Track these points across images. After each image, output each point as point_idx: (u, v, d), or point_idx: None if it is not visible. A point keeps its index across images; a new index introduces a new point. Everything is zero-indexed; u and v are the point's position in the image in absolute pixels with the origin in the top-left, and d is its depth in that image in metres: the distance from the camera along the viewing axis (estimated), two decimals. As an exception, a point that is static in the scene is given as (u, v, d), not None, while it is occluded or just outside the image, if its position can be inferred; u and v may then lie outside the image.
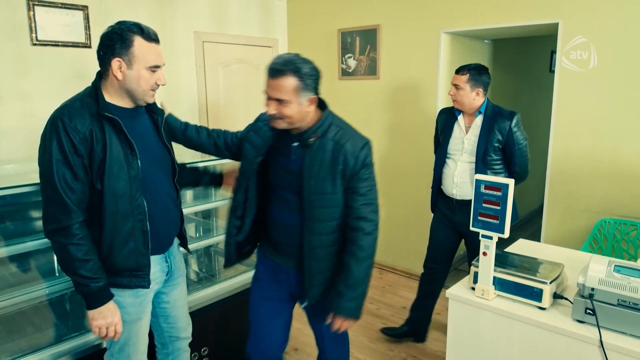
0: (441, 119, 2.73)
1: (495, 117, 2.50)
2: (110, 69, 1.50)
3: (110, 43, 1.49)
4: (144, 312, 1.74)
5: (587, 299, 1.52)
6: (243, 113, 4.19)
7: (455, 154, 2.61)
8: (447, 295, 1.80)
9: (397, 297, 3.51)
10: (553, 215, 3.14)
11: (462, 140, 2.59)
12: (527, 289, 1.66)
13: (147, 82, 1.56)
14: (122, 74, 1.51)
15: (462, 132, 2.59)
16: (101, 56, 1.53)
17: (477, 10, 3.28)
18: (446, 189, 2.67)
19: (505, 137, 2.47)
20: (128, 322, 1.69)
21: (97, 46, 1.54)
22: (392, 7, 3.72)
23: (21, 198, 2.10)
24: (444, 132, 2.67)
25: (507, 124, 2.48)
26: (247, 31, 4.14)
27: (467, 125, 2.59)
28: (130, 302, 1.69)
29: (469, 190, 2.55)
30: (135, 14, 3.34)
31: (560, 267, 1.74)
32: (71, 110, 1.49)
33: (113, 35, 1.49)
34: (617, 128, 2.82)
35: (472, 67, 2.51)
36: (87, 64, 3.13)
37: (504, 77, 4.58)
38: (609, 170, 2.89)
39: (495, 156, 2.50)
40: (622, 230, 2.78)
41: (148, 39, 1.54)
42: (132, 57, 1.50)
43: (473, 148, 2.54)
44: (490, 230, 1.67)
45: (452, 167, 2.61)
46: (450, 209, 2.69)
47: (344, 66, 4.10)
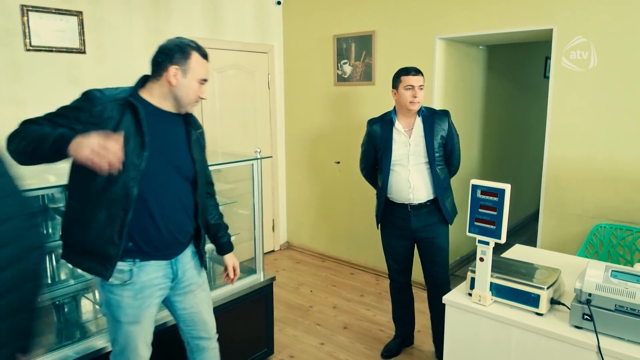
0: (376, 129, 2.60)
1: (432, 116, 2.54)
2: (166, 74, 1.65)
3: (170, 52, 1.65)
4: (142, 315, 1.74)
5: (584, 304, 1.51)
6: (238, 119, 4.18)
7: (402, 159, 2.53)
8: (444, 302, 1.79)
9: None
10: (549, 220, 3.14)
11: (407, 144, 2.52)
12: (524, 295, 1.65)
13: (194, 93, 1.71)
14: (176, 80, 1.66)
15: (404, 136, 2.53)
16: (158, 62, 1.67)
17: (472, 17, 3.30)
18: (399, 196, 2.56)
19: (446, 132, 2.54)
20: (126, 323, 1.71)
21: (154, 54, 1.68)
22: (387, 13, 3.73)
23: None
24: (383, 140, 2.56)
25: (446, 120, 2.56)
26: (243, 37, 4.14)
27: (407, 128, 2.54)
28: (128, 303, 1.69)
29: (424, 193, 2.53)
30: (130, 19, 3.34)
31: (557, 273, 1.73)
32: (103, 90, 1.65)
33: (174, 46, 1.66)
34: (612, 133, 2.83)
35: (417, 67, 2.54)
36: (82, 69, 3.12)
37: (498, 83, 4.60)
38: (604, 176, 2.89)
39: (439, 153, 2.54)
40: (618, 235, 2.78)
41: (203, 56, 1.71)
42: (188, 68, 1.66)
43: (421, 149, 2.51)
44: (486, 235, 1.67)
45: (404, 173, 2.52)
46: (404, 217, 2.59)
47: (339, 72, 4.10)
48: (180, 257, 1.82)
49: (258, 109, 4.35)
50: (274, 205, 4.65)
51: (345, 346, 2.97)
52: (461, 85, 3.94)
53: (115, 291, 1.68)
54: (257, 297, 2.62)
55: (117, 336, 1.74)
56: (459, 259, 4.25)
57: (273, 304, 2.76)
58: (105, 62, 3.24)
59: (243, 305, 2.55)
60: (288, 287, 3.84)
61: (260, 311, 2.67)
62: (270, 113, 4.47)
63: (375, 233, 2.77)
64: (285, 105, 4.60)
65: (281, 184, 4.71)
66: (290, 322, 3.28)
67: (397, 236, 2.65)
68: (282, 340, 3.01)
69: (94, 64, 3.18)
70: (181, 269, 1.83)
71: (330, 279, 4.03)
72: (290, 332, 3.15)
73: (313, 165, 4.46)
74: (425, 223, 2.58)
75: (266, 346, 2.76)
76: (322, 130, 4.27)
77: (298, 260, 4.47)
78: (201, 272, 1.94)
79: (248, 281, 2.60)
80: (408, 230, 2.60)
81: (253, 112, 4.31)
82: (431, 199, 2.55)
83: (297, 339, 3.05)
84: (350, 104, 4.05)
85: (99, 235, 1.61)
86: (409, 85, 2.46)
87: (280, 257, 4.56)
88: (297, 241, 4.79)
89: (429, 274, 2.69)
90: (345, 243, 4.36)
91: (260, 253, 2.66)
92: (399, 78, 2.50)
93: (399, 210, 2.59)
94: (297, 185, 4.65)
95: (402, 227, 2.61)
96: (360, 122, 3.99)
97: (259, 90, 4.34)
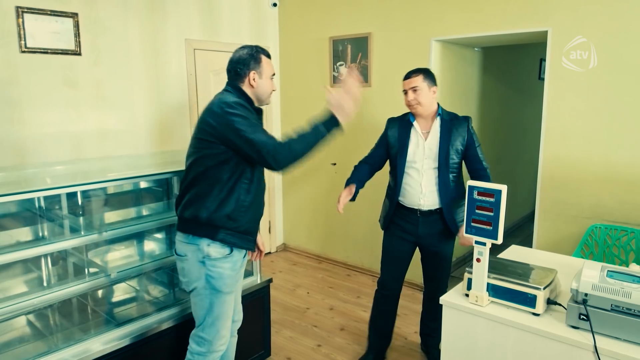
0: (394, 127, 2.59)
1: (452, 121, 2.49)
2: (247, 79, 1.98)
3: (246, 61, 1.98)
4: (236, 285, 2.04)
5: (580, 304, 1.52)
6: (235, 120, 4.17)
7: (417, 162, 2.49)
8: (441, 302, 1.79)
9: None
10: (544, 221, 3.15)
11: (422, 147, 2.49)
12: (520, 295, 1.66)
13: (270, 87, 2.05)
14: (256, 82, 1.99)
15: (421, 139, 2.49)
16: (237, 72, 1.99)
17: (468, 19, 3.31)
18: (410, 201, 2.52)
19: (466, 138, 2.48)
20: (226, 293, 1.97)
21: (230, 65, 2.01)
22: (383, 15, 3.75)
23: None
24: (400, 141, 2.53)
25: (465, 126, 2.49)
26: (239, 39, 4.14)
27: (424, 130, 2.50)
28: (229, 275, 1.96)
29: (435, 199, 2.48)
30: (126, 21, 3.33)
31: (553, 273, 1.74)
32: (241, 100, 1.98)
33: (247, 55, 1.99)
34: (607, 134, 2.85)
35: (421, 69, 2.48)
36: (77, 71, 3.10)
37: (494, 85, 4.62)
38: (599, 177, 2.91)
39: (456, 159, 2.48)
40: (613, 235, 2.80)
41: (268, 57, 2.04)
42: (262, 70, 2.00)
43: (434, 153, 2.47)
44: (483, 236, 1.67)
45: (417, 177, 2.49)
46: (413, 222, 2.54)
47: (335, 74, 4.11)
48: None
49: (254, 110, 4.34)
50: (270, 207, 4.64)
51: (342, 348, 2.97)
52: (457, 87, 3.95)
53: (217, 264, 1.92)
54: (253, 299, 2.62)
55: (214, 306, 1.96)
56: (455, 260, 4.26)
57: (270, 306, 2.76)
58: (101, 64, 3.23)
59: (240, 307, 2.55)
60: (284, 289, 3.84)
61: (257, 313, 2.67)
62: (266, 115, 4.47)
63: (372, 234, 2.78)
64: (281, 107, 4.61)
65: (277, 186, 4.71)
66: (287, 324, 3.27)
67: (401, 238, 2.60)
68: (279, 342, 3.01)
69: (89, 65, 3.17)
70: None
71: (326, 280, 4.03)
72: (287, 334, 3.14)
73: (309, 167, 4.47)
74: (432, 231, 2.53)
75: (263, 348, 2.76)
76: (319, 132, 4.27)
77: (294, 262, 4.46)
78: None
79: (245, 283, 2.59)
80: (414, 235, 2.56)
81: (249, 114, 4.31)
82: (440, 207, 2.50)
83: (293, 341, 3.05)
84: (347, 105, 4.05)
85: (255, 218, 2.03)
86: (404, 89, 2.49)
87: (277, 259, 4.55)
88: (293, 243, 4.79)
89: (430, 278, 2.69)
90: (342, 244, 4.37)
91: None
92: None
93: (408, 214, 2.55)
94: (293, 187, 4.65)
95: (409, 230, 2.57)
96: (357, 124, 3.99)
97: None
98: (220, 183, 1.89)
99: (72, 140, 3.12)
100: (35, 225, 2.28)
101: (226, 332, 2.04)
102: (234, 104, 1.87)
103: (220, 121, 1.84)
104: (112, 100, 3.31)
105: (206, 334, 1.99)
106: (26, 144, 2.92)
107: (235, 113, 1.84)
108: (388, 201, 2.65)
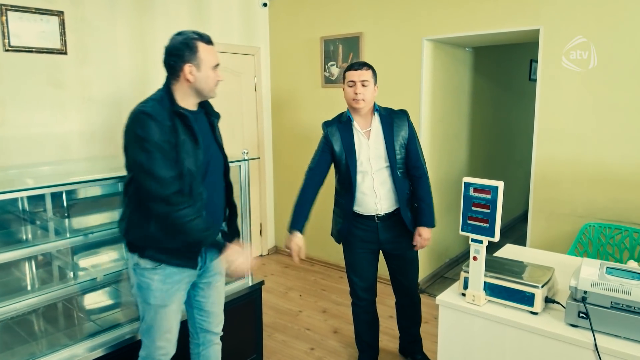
0: (334, 131, 2.34)
1: (391, 115, 2.33)
2: (182, 74, 1.72)
3: (180, 52, 1.71)
4: (171, 300, 1.83)
5: (580, 302, 1.49)
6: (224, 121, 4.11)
7: (364, 164, 2.29)
8: (437, 302, 1.76)
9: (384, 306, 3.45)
10: (538, 220, 3.14)
11: (367, 147, 2.30)
12: (518, 294, 1.63)
13: (213, 80, 1.78)
14: (193, 76, 1.72)
15: (364, 138, 2.31)
16: (171, 65, 1.73)
17: (459, 18, 3.30)
18: (366, 208, 2.34)
19: (407, 133, 2.32)
20: (154, 305, 1.81)
21: (164, 58, 1.75)
22: (374, 14, 3.72)
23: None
24: (346, 145, 2.30)
25: (405, 120, 2.34)
26: (228, 39, 4.09)
27: (365, 129, 2.32)
28: (158, 287, 1.79)
29: (392, 201, 2.33)
30: (113, 20, 3.27)
31: (550, 271, 1.71)
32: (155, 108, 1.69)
33: (179, 45, 1.71)
34: (600, 133, 2.84)
35: (369, 64, 2.32)
36: (63, 70, 3.03)
37: (485, 85, 4.62)
38: (592, 175, 2.90)
39: (402, 154, 2.32)
40: (607, 234, 2.79)
41: (207, 42, 1.77)
42: (200, 61, 1.72)
43: (381, 152, 2.29)
44: (480, 234, 1.64)
45: (369, 181, 2.30)
46: (371, 230, 2.37)
47: (326, 74, 4.07)
48: None
49: (245, 111, 4.30)
50: (262, 209, 4.59)
51: (336, 351, 2.92)
52: (449, 87, 3.94)
53: (146, 274, 1.78)
54: (245, 302, 2.57)
55: (145, 316, 1.84)
56: (448, 261, 4.24)
57: (262, 309, 2.71)
58: (88, 63, 3.16)
59: (231, 311, 2.48)
60: (277, 292, 3.78)
61: (249, 317, 2.61)
62: (257, 115, 4.42)
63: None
64: (272, 108, 4.56)
65: (269, 187, 4.66)
66: (280, 327, 3.22)
67: (363, 250, 2.43)
68: (271, 346, 2.95)
69: (75, 65, 3.10)
70: (208, 256, 1.92)
71: (319, 283, 3.98)
72: (280, 337, 3.09)
73: (301, 168, 4.40)
74: (393, 234, 2.39)
75: (255, 352, 2.70)
76: (310, 133, 4.23)
77: (286, 265, 4.41)
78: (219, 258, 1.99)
79: (236, 286, 2.54)
80: (375, 243, 2.40)
81: (240, 115, 4.26)
82: (397, 207, 2.36)
83: (286, 345, 2.99)
84: (338, 106, 4.00)
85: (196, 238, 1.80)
86: (350, 81, 2.26)
87: (269, 262, 4.50)
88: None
89: (399, 284, 2.56)
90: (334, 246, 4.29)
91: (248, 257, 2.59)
92: (344, 74, 2.32)
93: (365, 222, 2.37)
94: (284, 189, 4.60)
95: (369, 239, 2.40)
96: (348, 124, 3.96)
97: (246, 93, 4.29)
98: (141, 204, 1.72)
99: (58, 141, 3.04)
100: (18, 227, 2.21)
101: (165, 343, 1.87)
102: (145, 126, 1.62)
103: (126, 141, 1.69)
104: (99, 101, 3.24)
105: (145, 339, 1.89)
106: (10, 144, 2.84)
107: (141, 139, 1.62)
108: (341, 212, 2.44)
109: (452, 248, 4.28)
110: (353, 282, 2.54)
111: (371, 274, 2.52)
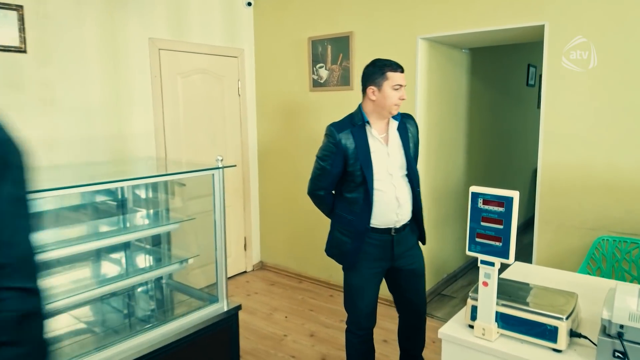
0: (346, 136, 2.08)
1: (403, 120, 2.18)
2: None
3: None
4: None
5: (615, 339, 1.22)
6: (205, 128, 3.84)
7: (382, 173, 2.08)
8: (440, 336, 1.47)
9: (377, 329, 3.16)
10: (545, 233, 2.86)
11: (385, 153, 2.10)
12: (538, 327, 1.34)
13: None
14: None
15: (382, 144, 2.11)
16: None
17: (457, 14, 3.05)
18: (385, 220, 2.10)
19: (416, 139, 2.21)
20: None
21: None
22: (365, 12, 3.47)
23: None
24: (360, 152, 2.06)
25: (415, 124, 2.22)
26: (210, 39, 3.82)
27: (382, 134, 2.12)
28: None
29: (409, 210, 2.15)
30: (79, 17, 2.99)
31: (574, 298, 1.43)
32: None
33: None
34: (611, 137, 2.59)
35: None
36: (22, 70, 2.75)
37: (482, 88, 4.38)
38: (604, 183, 2.64)
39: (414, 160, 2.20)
40: (622, 249, 2.52)
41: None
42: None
43: (399, 159, 2.11)
44: (491, 254, 1.36)
45: (389, 190, 2.08)
46: (385, 245, 2.12)
47: (315, 77, 3.81)
48: None
49: (227, 117, 4.02)
50: (246, 221, 4.29)
51: (324, 381, 2.61)
52: (445, 90, 3.69)
53: None
54: (219, 330, 2.26)
55: None
56: (446, 276, 3.95)
57: (239, 337, 2.40)
58: (50, 63, 2.87)
59: (203, 340, 2.18)
60: (260, 313, 3.47)
61: (224, 346, 2.30)
62: (241, 121, 4.14)
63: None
64: (257, 113, 4.28)
65: (253, 199, 4.36)
66: (261, 354, 2.89)
67: (374, 271, 2.16)
68: (251, 376, 2.64)
69: (36, 65, 2.81)
70: None
71: (307, 302, 3.67)
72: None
73: (288, 177, 4.13)
74: (406, 247, 2.17)
75: (232, 385, 2.39)
76: (298, 140, 3.95)
77: (272, 282, 4.10)
78: None
79: (209, 311, 2.23)
80: (388, 260, 2.15)
81: (222, 121, 3.98)
82: (411, 218, 2.18)
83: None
84: (328, 110, 3.74)
85: None
86: (397, 84, 2.05)
87: (253, 279, 4.18)
88: (271, 261, 4.42)
89: (408, 303, 2.28)
90: (324, 262, 4.00)
91: (223, 278, 2.29)
92: (384, 74, 2.05)
93: (379, 237, 2.11)
94: (270, 200, 4.31)
95: (381, 257, 2.14)
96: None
97: (229, 97, 4.01)
98: None
99: (15, 148, 2.74)
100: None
101: None
102: None
103: None
104: (64, 104, 2.95)
105: None
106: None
107: None
108: (348, 230, 2.15)
109: (449, 263, 3.99)
110: (358, 310, 2.20)
111: (376, 298, 2.23)
